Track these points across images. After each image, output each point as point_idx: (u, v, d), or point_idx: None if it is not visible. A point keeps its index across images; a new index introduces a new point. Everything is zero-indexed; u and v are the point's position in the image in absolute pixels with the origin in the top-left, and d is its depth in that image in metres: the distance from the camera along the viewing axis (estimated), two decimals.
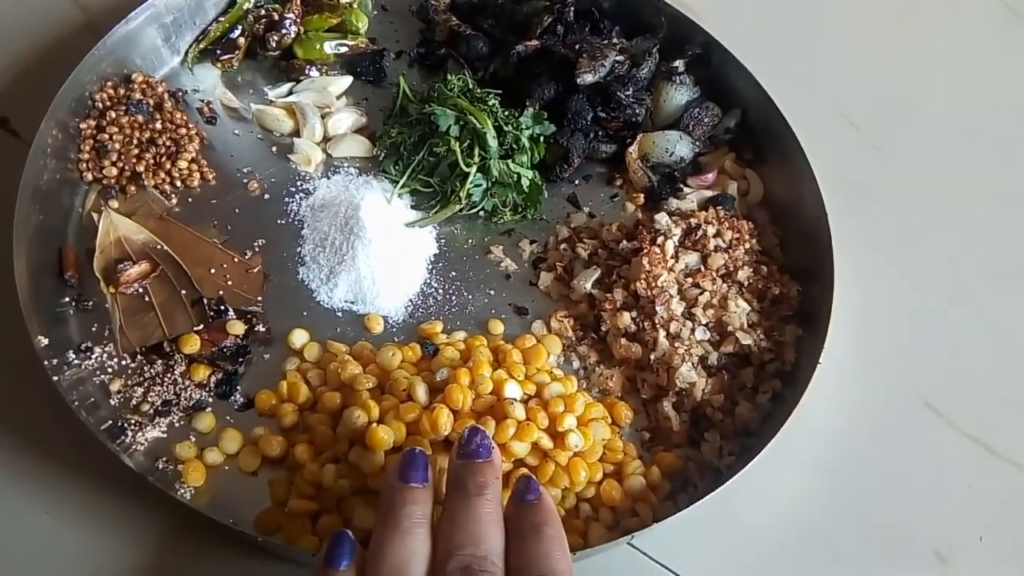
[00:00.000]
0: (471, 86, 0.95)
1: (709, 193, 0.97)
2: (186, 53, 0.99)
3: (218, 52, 0.99)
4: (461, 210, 0.93)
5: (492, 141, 0.91)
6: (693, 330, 0.85)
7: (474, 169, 0.91)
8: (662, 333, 0.84)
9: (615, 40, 1.00)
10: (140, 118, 0.92)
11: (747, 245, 0.90)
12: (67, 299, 0.83)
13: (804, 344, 0.85)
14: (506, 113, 0.94)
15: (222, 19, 1.00)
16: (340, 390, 0.80)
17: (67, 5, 1.04)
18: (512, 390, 0.77)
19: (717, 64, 1.00)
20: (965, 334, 0.94)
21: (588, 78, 0.95)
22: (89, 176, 0.90)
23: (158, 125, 0.92)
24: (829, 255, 0.86)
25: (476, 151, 0.92)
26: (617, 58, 0.97)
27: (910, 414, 0.89)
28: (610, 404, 0.84)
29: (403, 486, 0.64)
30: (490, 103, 0.94)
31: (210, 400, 0.81)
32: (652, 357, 0.84)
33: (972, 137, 1.08)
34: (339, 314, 0.87)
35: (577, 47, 0.97)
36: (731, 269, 0.88)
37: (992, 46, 1.17)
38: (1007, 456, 0.87)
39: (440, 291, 0.90)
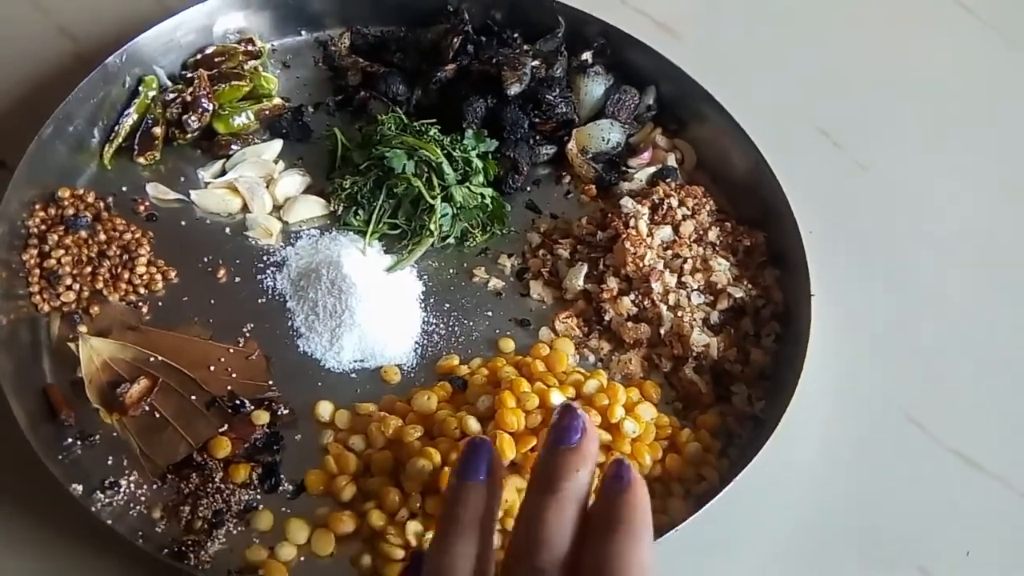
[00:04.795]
0: (407, 121, 0.96)
1: (652, 169, 1.02)
2: (101, 156, 0.94)
3: (136, 148, 0.94)
4: (433, 243, 0.94)
5: (448, 169, 0.92)
6: (689, 296, 0.90)
7: (439, 200, 0.92)
8: (664, 307, 0.89)
9: (526, 47, 1.03)
10: (83, 233, 0.86)
11: (707, 207, 0.96)
12: (70, 440, 0.78)
13: (786, 282, 0.92)
14: (449, 139, 0.95)
15: (129, 111, 0.95)
16: (389, 447, 0.79)
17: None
18: (557, 397, 0.79)
19: (618, 48, 1.05)
20: (947, 348, 0.93)
21: (516, 88, 0.98)
22: (46, 307, 0.84)
23: (102, 236, 0.87)
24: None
25: (435, 182, 0.92)
26: (534, 63, 1.00)
27: (892, 429, 0.88)
28: (637, 385, 0.87)
29: (459, 484, 0.59)
30: (431, 133, 0.94)
31: (259, 497, 0.78)
32: (662, 332, 0.88)
33: (951, 150, 1.07)
34: (353, 375, 0.86)
35: (495, 61, 0.99)
36: (701, 233, 0.94)
37: (970, 61, 1.16)
38: (990, 470, 0.86)
39: (441, 325, 0.90)
